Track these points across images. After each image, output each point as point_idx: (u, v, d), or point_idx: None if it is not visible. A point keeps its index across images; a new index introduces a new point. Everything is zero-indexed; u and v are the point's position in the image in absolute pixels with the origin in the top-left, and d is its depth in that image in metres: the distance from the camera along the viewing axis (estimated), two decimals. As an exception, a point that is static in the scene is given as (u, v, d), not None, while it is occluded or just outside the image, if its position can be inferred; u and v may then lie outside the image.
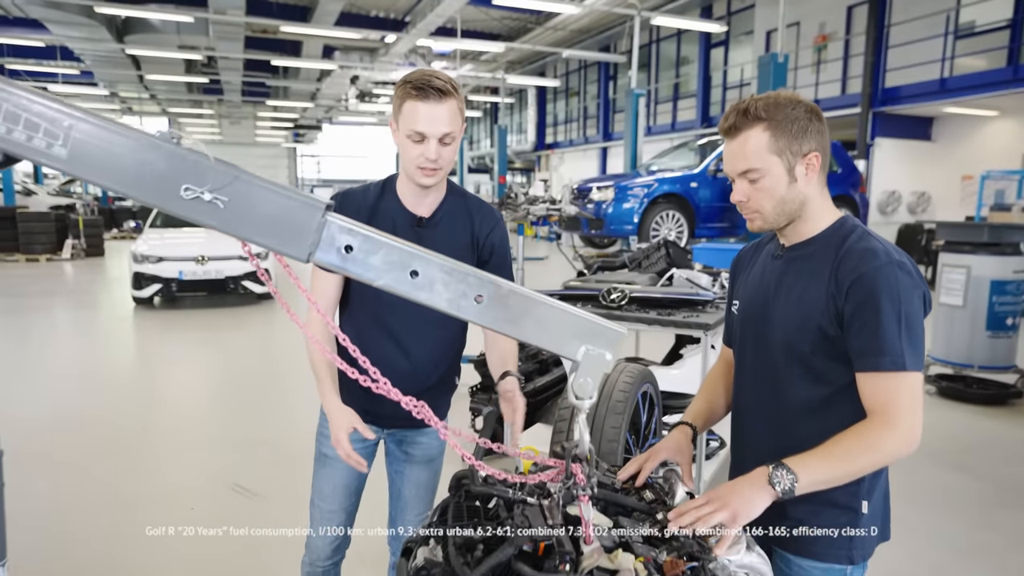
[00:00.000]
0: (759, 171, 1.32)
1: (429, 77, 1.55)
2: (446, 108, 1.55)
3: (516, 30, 19.84)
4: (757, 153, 1.31)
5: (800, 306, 1.33)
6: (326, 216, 1.00)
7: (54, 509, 3.36)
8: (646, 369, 2.44)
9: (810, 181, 1.34)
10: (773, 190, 1.33)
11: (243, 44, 17.57)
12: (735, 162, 1.34)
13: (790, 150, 1.31)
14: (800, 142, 1.31)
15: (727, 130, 1.35)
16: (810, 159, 1.32)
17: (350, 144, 39.98)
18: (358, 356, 1.13)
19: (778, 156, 1.31)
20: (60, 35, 16.80)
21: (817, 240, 1.36)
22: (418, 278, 1.04)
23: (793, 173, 1.32)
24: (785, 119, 1.30)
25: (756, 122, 1.31)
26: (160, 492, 3.60)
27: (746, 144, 1.32)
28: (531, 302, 1.06)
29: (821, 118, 1.34)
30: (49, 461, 3.98)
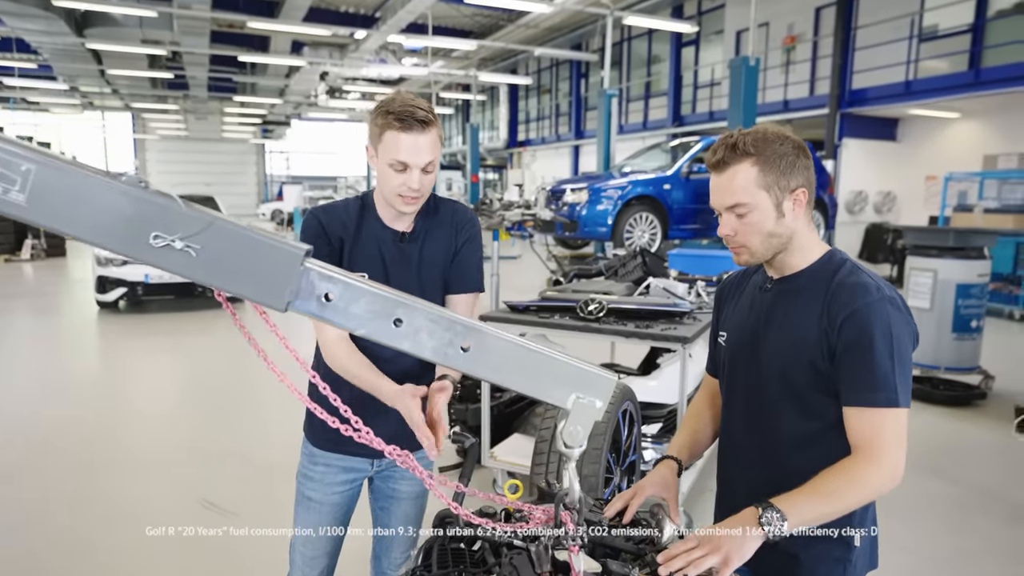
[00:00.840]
0: (747, 206, 1.31)
1: (412, 108, 1.53)
2: (428, 138, 1.55)
3: (488, 27, 19.76)
4: (745, 188, 1.30)
5: (792, 341, 1.32)
6: (305, 263, 0.95)
7: (10, 525, 3.23)
8: (627, 387, 2.42)
9: (797, 216, 1.33)
10: (761, 225, 1.32)
11: (209, 39, 17.16)
12: (723, 196, 1.33)
13: (778, 185, 1.31)
14: (788, 178, 1.31)
15: (715, 164, 1.34)
16: (798, 195, 1.32)
17: (320, 140, 39.42)
18: (339, 405, 1.09)
19: (766, 191, 1.31)
20: (15, 27, 16.21)
21: (806, 273, 1.36)
22: (402, 327, 1.00)
23: (781, 208, 1.32)
24: (773, 155, 1.30)
25: (744, 157, 1.30)
26: (125, 507, 3.49)
27: (734, 179, 1.31)
28: (519, 350, 1.03)
29: (808, 154, 1.34)
30: (9, 473, 3.83)
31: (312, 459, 1.74)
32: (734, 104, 7.63)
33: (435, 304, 1.71)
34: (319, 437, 1.73)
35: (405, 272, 1.68)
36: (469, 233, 1.77)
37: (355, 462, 1.73)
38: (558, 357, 1.04)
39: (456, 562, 1.22)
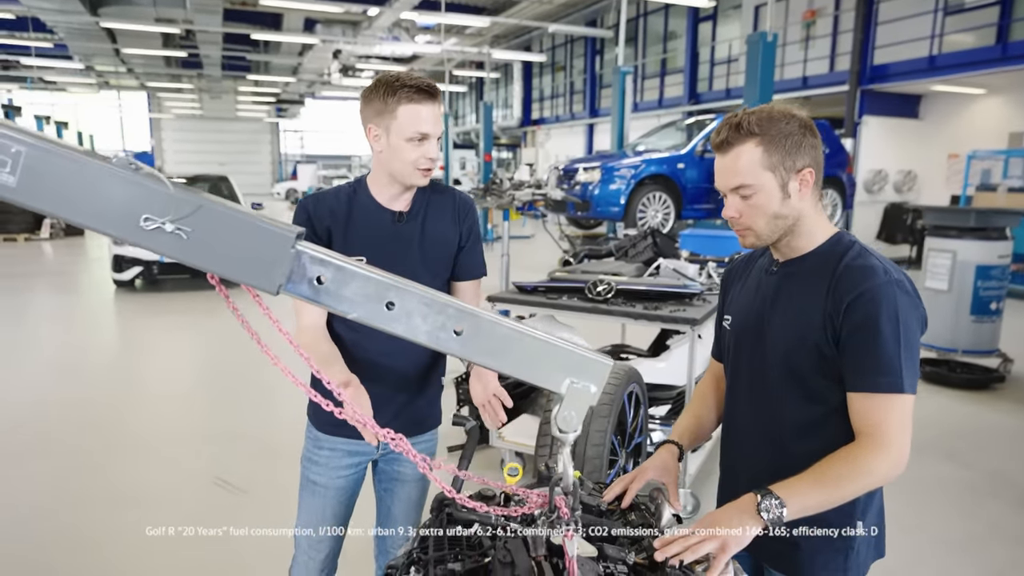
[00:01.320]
0: (752, 187, 1.28)
1: (417, 79, 1.57)
2: (438, 107, 1.60)
3: (502, 3, 19.49)
4: (750, 169, 1.27)
5: (797, 324, 1.29)
6: (297, 245, 0.94)
7: (26, 502, 3.31)
8: (632, 369, 2.41)
9: (804, 197, 1.30)
10: (766, 206, 1.29)
11: (222, 17, 17.11)
12: (727, 178, 1.30)
13: (783, 166, 1.27)
14: (794, 158, 1.27)
15: (719, 145, 1.31)
16: (804, 175, 1.28)
17: (333, 119, 39.35)
18: (333, 387, 1.09)
19: (771, 172, 1.27)
20: (31, 6, 16.25)
21: (813, 256, 1.33)
22: (394, 310, 0.99)
23: (787, 189, 1.28)
24: (779, 134, 1.26)
25: (749, 137, 1.27)
26: (138, 487, 3.55)
27: (738, 160, 1.28)
28: (513, 334, 1.01)
29: (815, 133, 1.30)
30: (24, 452, 3.91)
31: (317, 443, 1.74)
32: (750, 81, 7.48)
33: (434, 286, 1.72)
34: (323, 421, 1.73)
35: (405, 252, 1.67)
36: (471, 220, 1.79)
37: (360, 445, 1.73)
38: (552, 341, 1.02)
39: (452, 545, 1.22)
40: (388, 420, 1.72)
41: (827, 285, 1.26)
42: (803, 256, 1.33)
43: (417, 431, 1.79)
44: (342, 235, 1.64)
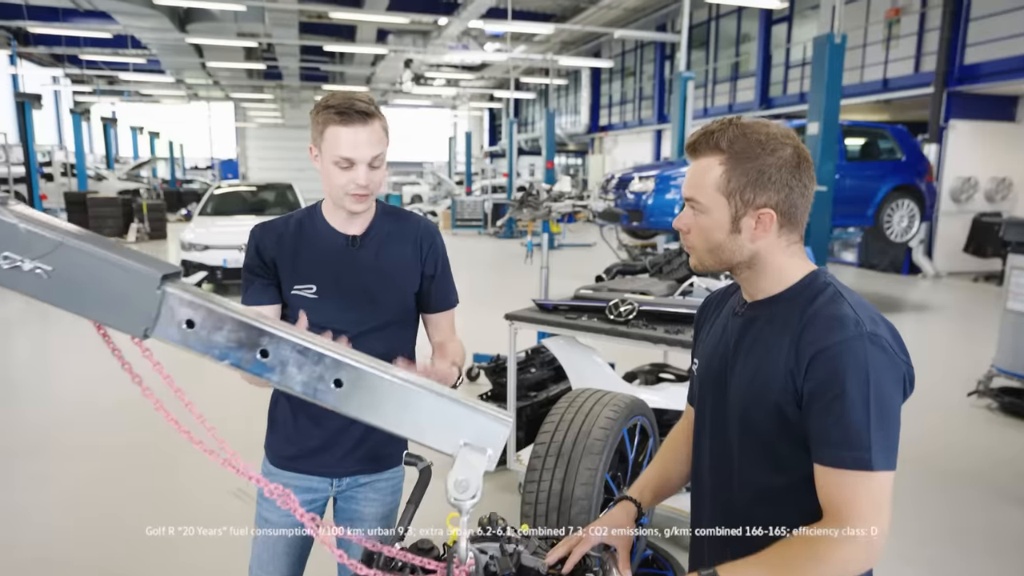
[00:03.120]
0: (701, 206, 1.14)
1: (351, 100, 1.49)
2: (371, 131, 1.49)
3: (569, 10, 19.38)
4: (706, 186, 1.12)
5: (757, 378, 1.13)
6: (163, 287, 0.88)
7: (59, 505, 3.44)
8: (635, 401, 2.25)
9: (756, 239, 1.13)
10: (710, 232, 1.14)
11: (298, 30, 17.77)
12: (686, 186, 1.16)
13: (740, 196, 1.11)
14: (756, 191, 1.10)
15: (688, 146, 1.16)
16: (762, 216, 1.11)
17: (406, 126, 40.21)
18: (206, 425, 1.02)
19: (726, 198, 1.11)
20: (128, 25, 17.40)
21: (781, 300, 1.16)
22: (269, 358, 0.91)
23: (738, 223, 1.12)
24: (748, 160, 1.10)
25: (714, 151, 1.12)
26: (158, 492, 3.64)
27: (699, 172, 1.13)
28: (400, 387, 0.91)
29: (802, 172, 1.12)
30: (70, 452, 4.10)
31: (269, 477, 1.69)
32: (816, 85, 7.06)
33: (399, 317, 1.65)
34: (276, 455, 1.68)
35: (360, 279, 1.61)
36: (436, 248, 1.70)
37: (313, 481, 1.67)
38: (445, 397, 0.92)
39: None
40: (343, 456, 1.66)
41: (792, 335, 1.09)
42: (771, 298, 1.17)
43: (376, 468, 1.70)
44: (290, 263, 1.60)
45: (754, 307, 1.19)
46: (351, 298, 1.58)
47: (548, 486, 1.96)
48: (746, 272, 1.17)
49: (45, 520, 3.31)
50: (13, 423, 4.70)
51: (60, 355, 6.63)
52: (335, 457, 1.63)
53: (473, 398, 0.96)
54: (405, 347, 1.68)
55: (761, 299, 1.18)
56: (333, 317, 1.57)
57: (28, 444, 4.27)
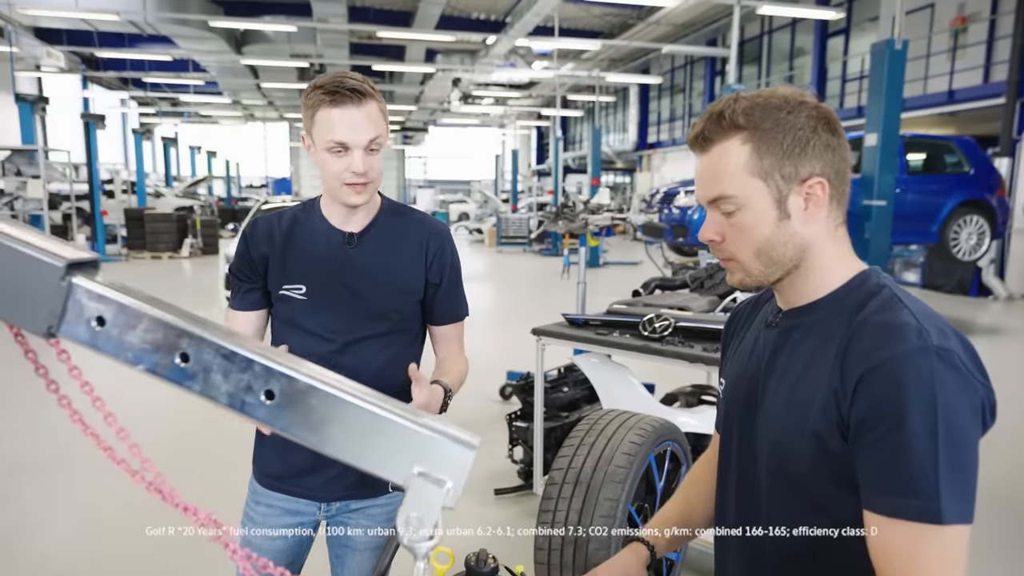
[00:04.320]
0: (733, 200, 0.93)
1: (341, 78, 1.35)
2: (366, 112, 1.35)
3: (617, 26, 19.28)
4: (733, 175, 0.92)
5: (793, 402, 0.92)
6: (69, 278, 0.74)
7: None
8: (664, 425, 2.04)
9: (812, 218, 0.93)
10: (753, 229, 0.93)
11: (348, 51, 18.16)
12: (704, 185, 0.96)
13: (780, 173, 0.91)
14: (797, 161, 0.91)
15: (694, 140, 0.96)
16: (812, 187, 0.92)
17: (454, 145, 40.70)
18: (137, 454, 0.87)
19: (762, 180, 0.91)
20: (188, 49, 18.11)
21: (824, 304, 0.95)
22: (189, 363, 0.76)
23: (784, 206, 0.92)
24: (776, 127, 0.90)
25: (733, 131, 0.92)
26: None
27: (719, 161, 0.93)
28: (340, 403, 0.75)
29: (835, 128, 0.93)
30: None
31: (255, 496, 1.55)
32: (874, 94, 6.69)
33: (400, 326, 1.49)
34: (263, 474, 1.54)
35: (356, 281, 1.46)
36: (445, 253, 1.53)
37: (299, 504, 1.52)
38: (398, 417, 0.75)
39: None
40: (332, 478, 1.50)
41: (837, 348, 0.88)
42: (811, 304, 0.96)
43: (369, 493, 1.54)
44: (279, 261, 1.47)
45: (791, 315, 0.98)
46: (343, 302, 1.44)
47: (564, 517, 1.77)
48: (793, 274, 0.96)
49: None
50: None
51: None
52: (324, 479, 1.48)
53: (437, 417, 0.79)
54: (408, 360, 1.53)
55: (800, 306, 0.97)
56: (323, 322, 1.44)
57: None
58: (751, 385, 1.01)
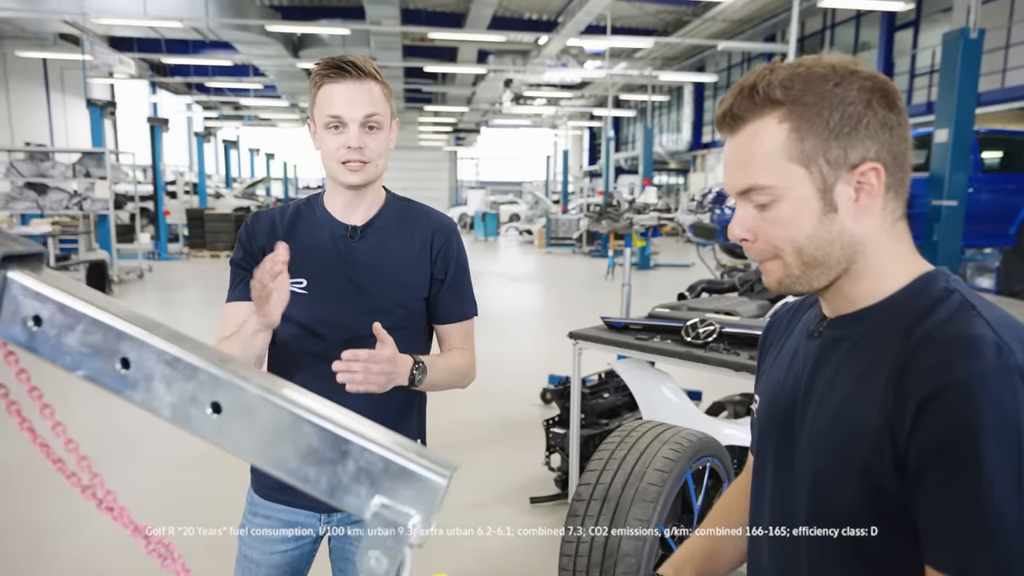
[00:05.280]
0: (768, 191, 0.78)
1: (344, 56, 1.33)
2: (366, 88, 1.32)
3: (672, 24, 18.91)
4: (768, 161, 0.77)
5: (836, 429, 0.77)
6: (4, 272, 0.67)
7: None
8: (704, 438, 1.89)
9: (864, 211, 0.77)
10: (792, 225, 0.78)
11: (401, 53, 18.36)
12: (733, 173, 0.81)
13: (826, 157, 0.76)
14: (846, 143, 0.75)
15: (722, 119, 0.82)
16: (864, 173, 0.76)
17: (506, 146, 40.76)
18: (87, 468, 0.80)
19: (804, 167, 0.76)
20: (248, 53, 18.67)
21: (878, 312, 0.79)
22: (131, 370, 0.68)
23: (830, 196, 0.77)
24: (820, 102, 0.75)
25: (769, 107, 0.77)
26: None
27: (751, 145, 0.78)
28: (294, 420, 0.65)
29: (893, 101, 0.77)
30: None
31: (253, 508, 1.48)
32: (946, 87, 6.27)
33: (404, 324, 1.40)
34: (262, 483, 1.47)
35: (357, 275, 1.40)
36: (451, 249, 1.47)
37: (299, 515, 1.44)
38: (360, 438, 0.65)
39: None
40: None
41: (893, 364, 0.73)
42: (861, 312, 0.81)
43: None
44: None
45: (837, 324, 0.83)
46: (344, 297, 1.39)
47: (590, 537, 1.64)
48: (842, 278, 0.81)
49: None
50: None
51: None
52: None
53: (408, 441, 0.68)
54: None
55: (848, 313, 0.82)
56: (324, 318, 1.38)
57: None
58: (788, 406, 0.86)
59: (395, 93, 20.16)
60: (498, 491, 3.60)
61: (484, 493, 3.57)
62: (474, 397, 5.33)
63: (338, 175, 1.35)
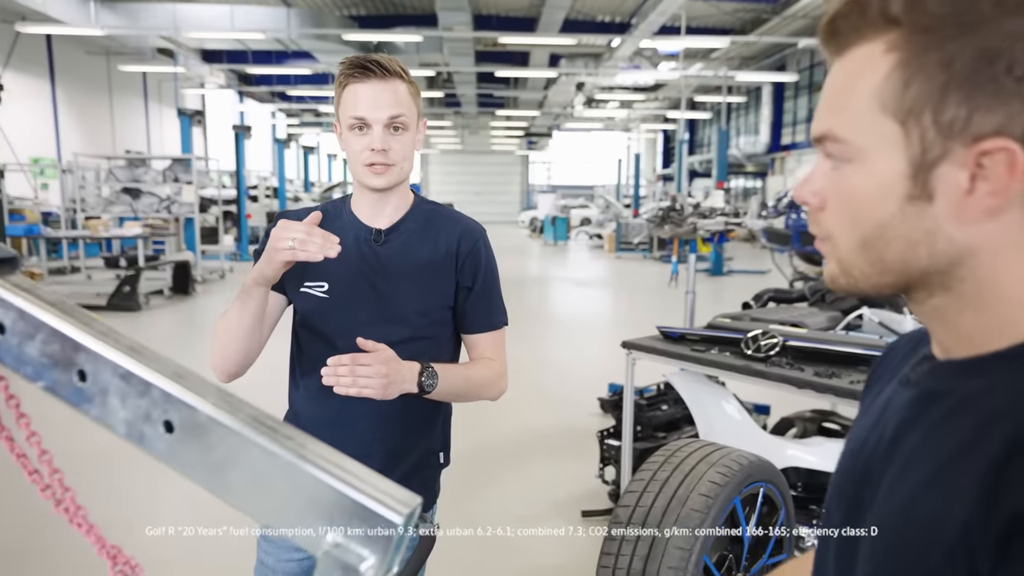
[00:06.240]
0: (843, 146, 0.56)
1: (368, 55, 1.30)
2: (390, 88, 1.28)
3: (750, 22, 18.29)
4: (854, 104, 0.55)
5: (909, 521, 0.56)
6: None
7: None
8: (757, 461, 1.74)
9: (980, 211, 0.51)
10: (862, 203, 0.56)
11: (474, 58, 18.55)
12: (818, 111, 0.60)
13: (936, 116, 0.51)
14: (974, 102, 0.50)
15: (826, 31, 0.58)
16: (991, 154, 0.50)
17: (578, 150, 40.55)
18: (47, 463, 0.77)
19: (900, 124, 0.53)
20: (327, 62, 19.35)
21: (997, 366, 0.54)
22: (87, 383, 0.64)
23: (926, 178, 0.52)
24: (958, 31, 0.50)
25: (882, 28, 0.53)
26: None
27: (844, 77, 0.56)
28: (245, 443, 0.60)
29: None
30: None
31: None
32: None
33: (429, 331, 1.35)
34: None
35: (374, 280, 1.36)
36: (479, 255, 1.41)
37: None
38: (315, 467, 0.58)
39: None
40: None
41: (995, 453, 0.49)
42: (974, 361, 0.56)
43: None
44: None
45: (940, 373, 0.60)
46: (365, 302, 1.35)
47: (627, 564, 1.54)
48: (939, 297, 0.56)
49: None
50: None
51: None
52: None
53: (371, 474, 0.61)
54: None
55: (961, 359, 0.57)
56: (344, 323, 1.35)
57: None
58: (863, 474, 0.63)
59: (468, 99, 20.59)
60: (549, 502, 3.52)
61: (534, 505, 3.49)
62: (536, 403, 5.27)
63: (363, 177, 1.32)
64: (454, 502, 3.40)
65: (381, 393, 1.19)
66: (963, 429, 0.53)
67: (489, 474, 3.91)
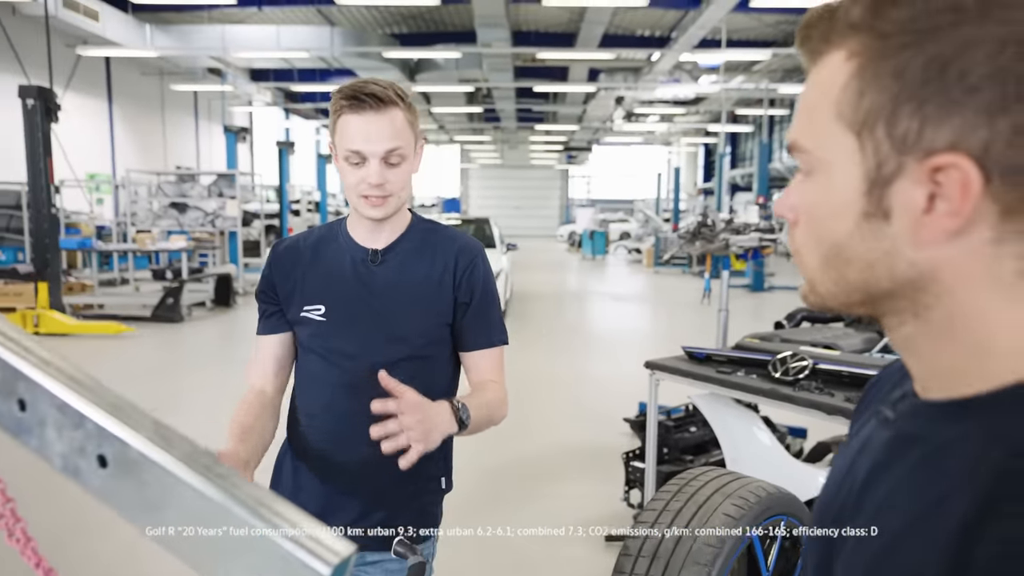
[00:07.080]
0: (806, 157, 0.53)
1: (364, 84, 1.25)
2: (386, 120, 1.24)
3: (792, 34, 17.90)
4: (815, 113, 0.52)
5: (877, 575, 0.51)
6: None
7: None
8: (775, 493, 1.65)
9: (940, 233, 0.46)
10: (821, 215, 0.52)
11: (512, 74, 18.67)
12: (793, 120, 0.58)
13: (889, 128, 0.47)
14: (926, 113, 0.45)
15: (802, 44, 0.55)
16: (943, 167, 0.45)
17: (618, 164, 40.37)
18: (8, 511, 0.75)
19: (855, 135, 0.49)
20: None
21: (976, 410, 0.48)
22: (26, 413, 0.62)
23: (881, 195, 0.48)
24: (914, 38, 0.45)
25: (845, 35, 0.50)
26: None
27: (811, 88, 0.54)
28: (175, 482, 0.57)
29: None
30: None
31: None
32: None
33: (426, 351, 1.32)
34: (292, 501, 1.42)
35: (372, 301, 1.34)
36: (477, 272, 1.38)
37: None
38: (246, 510, 0.55)
39: None
40: (345, 525, 1.35)
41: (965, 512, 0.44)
42: (954, 404, 0.50)
43: (387, 546, 1.36)
44: (301, 279, 1.38)
45: (917, 413, 0.54)
46: (361, 323, 1.34)
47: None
48: (910, 325, 0.51)
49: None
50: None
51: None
52: (335, 524, 1.33)
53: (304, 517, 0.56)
54: (438, 390, 1.34)
55: (939, 401, 0.52)
56: (343, 345, 1.34)
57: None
58: (836, 518, 0.58)
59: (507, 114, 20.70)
60: (574, 525, 3.43)
61: (558, 527, 3.41)
62: (573, 418, 5.20)
63: (359, 208, 1.31)
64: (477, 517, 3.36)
65: (428, 442, 1.13)
66: (937, 482, 0.48)
67: (522, 490, 3.87)
